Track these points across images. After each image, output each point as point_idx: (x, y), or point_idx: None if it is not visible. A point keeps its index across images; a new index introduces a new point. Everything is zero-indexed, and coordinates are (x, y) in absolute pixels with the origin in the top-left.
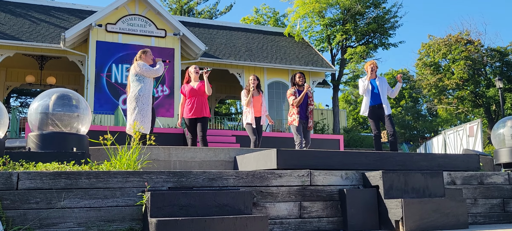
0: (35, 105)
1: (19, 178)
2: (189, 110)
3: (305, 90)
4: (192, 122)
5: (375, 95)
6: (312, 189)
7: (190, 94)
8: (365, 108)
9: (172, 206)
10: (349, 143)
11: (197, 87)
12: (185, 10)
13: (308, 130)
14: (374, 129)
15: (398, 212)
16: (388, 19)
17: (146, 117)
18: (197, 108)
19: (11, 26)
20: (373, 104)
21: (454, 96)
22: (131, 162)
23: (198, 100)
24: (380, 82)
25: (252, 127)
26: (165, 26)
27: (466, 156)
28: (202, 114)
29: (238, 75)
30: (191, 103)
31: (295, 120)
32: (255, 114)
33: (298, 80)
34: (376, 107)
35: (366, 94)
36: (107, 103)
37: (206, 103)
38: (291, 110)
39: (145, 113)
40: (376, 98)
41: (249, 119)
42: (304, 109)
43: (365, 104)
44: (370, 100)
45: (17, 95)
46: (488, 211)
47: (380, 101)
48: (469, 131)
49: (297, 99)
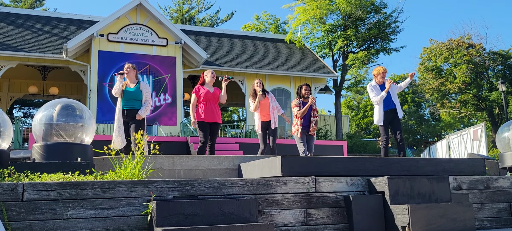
0: (39, 116)
1: (24, 189)
2: (203, 113)
3: (309, 102)
4: (205, 125)
5: (389, 100)
6: (317, 196)
7: (204, 97)
8: (379, 117)
9: (177, 215)
10: (352, 149)
11: (213, 92)
12: (186, 19)
13: (311, 135)
14: (383, 134)
15: (405, 217)
16: (389, 24)
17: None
18: (212, 113)
19: (14, 37)
20: (386, 110)
21: (457, 100)
22: (135, 171)
23: (212, 105)
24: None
25: (261, 132)
26: (166, 35)
27: (472, 160)
28: (215, 119)
29: (240, 83)
30: (204, 107)
31: (298, 130)
32: (263, 119)
33: (303, 93)
34: (388, 112)
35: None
36: (109, 113)
37: (219, 109)
38: (295, 121)
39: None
40: (389, 103)
41: (256, 126)
42: (308, 119)
43: (379, 113)
44: (384, 106)
45: (20, 106)
46: (495, 216)
47: (393, 106)
48: (473, 135)
49: (301, 111)
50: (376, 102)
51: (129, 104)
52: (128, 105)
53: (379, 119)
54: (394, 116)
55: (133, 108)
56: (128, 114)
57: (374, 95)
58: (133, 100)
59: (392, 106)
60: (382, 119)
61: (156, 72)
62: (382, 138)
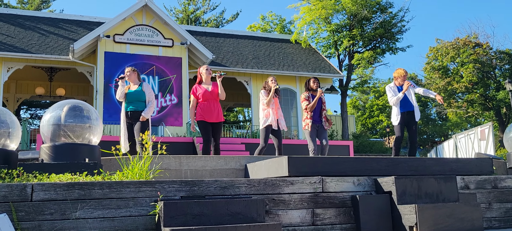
0: (47, 117)
1: (33, 190)
2: (204, 113)
3: (318, 94)
4: (206, 125)
5: (406, 102)
6: (324, 196)
7: (204, 97)
8: (397, 117)
9: (185, 215)
10: (358, 149)
11: (211, 90)
12: (191, 19)
13: (325, 129)
14: (398, 132)
15: (412, 217)
16: (395, 23)
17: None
18: (211, 112)
19: (21, 39)
20: (404, 111)
21: (464, 99)
22: (143, 172)
23: (212, 104)
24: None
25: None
26: (172, 36)
27: (479, 160)
28: (217, 119)
29: (245, 83)
30: (205, 107)
31: (308, 124)
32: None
33: (312, 85)
34: (405, 114)
35: (397, 104)
36: (116, 113)
37: (220, 108)
38: (304, 115)
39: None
40: (407, 105)
41: (270, 120)
42: (318, 113)
43: (397, 114)
44: (401, 107)
45: (27, 107)
46: (503, 215)
47: (412, 108)
48: (481, 135)
49: (311, 104)
50: (393, 104)
51: (133, 106)
52: (132, 107)
53: (396, 118)
54: (411, 118)
55: (137, 110)
56: (132, 116)
57: (391, 97)
58: (136, 102)
59: (410, 109)
60: (398, 119)
61: (162, 73)
62: (396, 136)
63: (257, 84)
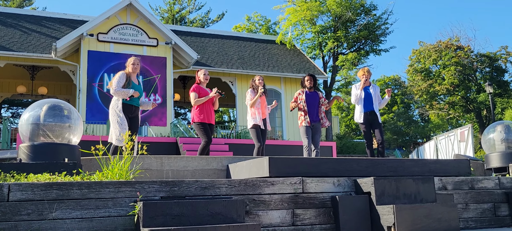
0: (26, 116)
1: (10, 190)
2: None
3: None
4: (207, 126)
5: (369, 102)
6: (304, 197)
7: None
8: (359, 115)
9: (164, 215)
10: (342, 150)
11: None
12: (177, 19)
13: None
14: (365, 134)
15: (390, 218)
16: (379, 26)
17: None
18: (209, 114)
19: (2, 37)
20: (366, 111)
21: (445, 101)
22: (123, 172)
23: (209, 107)
24: (374, 90)
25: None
26: (157, 35)
27: (457, 161)
28: (212, 121)
29: (230, 84)
30: (205, 109)
31: (303, 121)
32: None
33: (306, 83)
34: (368, 114)
35: (359, 102)
36: (99, 113)
37: (214, 111)
38: (299, 112)
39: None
40: (369, 105)
41: (257, 120)
42: (315, 110)
43: (359, 111)
44: (363, 107)
45: (8, 106)
46: (479, 216)
47: (372, 108)
48: (460, 136)
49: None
50: (354, 102)
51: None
52: (136, 101)
53: (358, 116)
54: (374, 119)
55: (138, 105)
56: (136, 110)
57: (354, 94)
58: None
59: (371, 109)
60: (361, 117)
61: (146, 73)
62: (363, 134)
63: (242, 85)
